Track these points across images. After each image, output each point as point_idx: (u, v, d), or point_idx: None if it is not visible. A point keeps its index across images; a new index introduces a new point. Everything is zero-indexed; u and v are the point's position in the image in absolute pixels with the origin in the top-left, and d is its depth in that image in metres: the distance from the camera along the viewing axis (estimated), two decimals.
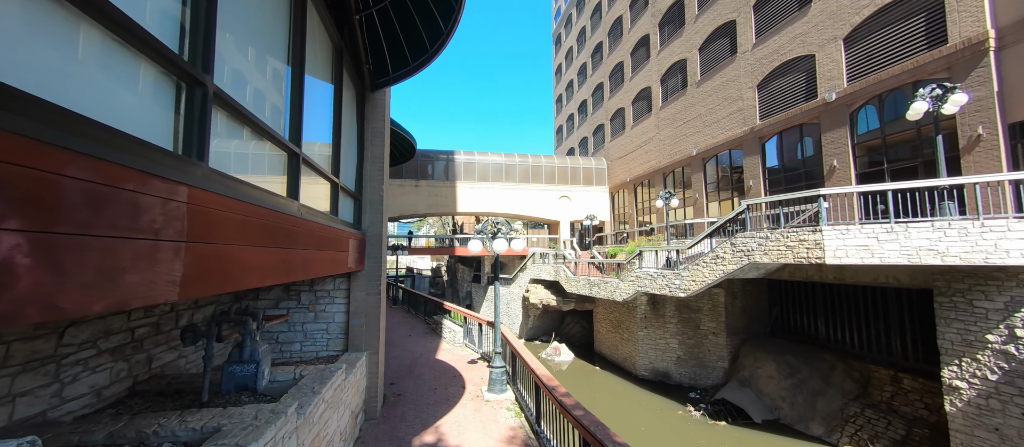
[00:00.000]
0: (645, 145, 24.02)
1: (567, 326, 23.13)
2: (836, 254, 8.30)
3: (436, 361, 9.02)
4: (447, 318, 11.35)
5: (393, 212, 26.19)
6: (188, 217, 1.72)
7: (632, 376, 16.34)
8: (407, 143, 12.49)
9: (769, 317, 15.12)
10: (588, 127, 33.27)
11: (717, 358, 14.78)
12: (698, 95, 19.31)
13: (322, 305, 5.57)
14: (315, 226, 3.42)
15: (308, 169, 3.54)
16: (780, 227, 9.46)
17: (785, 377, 12.39)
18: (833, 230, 8.37)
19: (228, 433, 2.17)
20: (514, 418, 5.90)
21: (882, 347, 11.36)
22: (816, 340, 13.34)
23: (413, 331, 12.25)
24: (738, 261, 10.49)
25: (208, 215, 1.87)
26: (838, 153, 12.57)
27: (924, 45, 10.42)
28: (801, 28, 13.90)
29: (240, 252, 2.13)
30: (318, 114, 4.29)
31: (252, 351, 3.12)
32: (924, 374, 10.14)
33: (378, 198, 5.76)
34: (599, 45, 31.33)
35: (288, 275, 2.81)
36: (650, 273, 13.61)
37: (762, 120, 15.54)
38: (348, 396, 4.49)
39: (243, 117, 2.31)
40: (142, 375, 3.60)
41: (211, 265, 1.87)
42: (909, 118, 8.31)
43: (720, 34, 18.02)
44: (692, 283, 11.94)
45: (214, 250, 1.90)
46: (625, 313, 17.11)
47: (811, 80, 13.56)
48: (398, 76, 5.45)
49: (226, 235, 2.00)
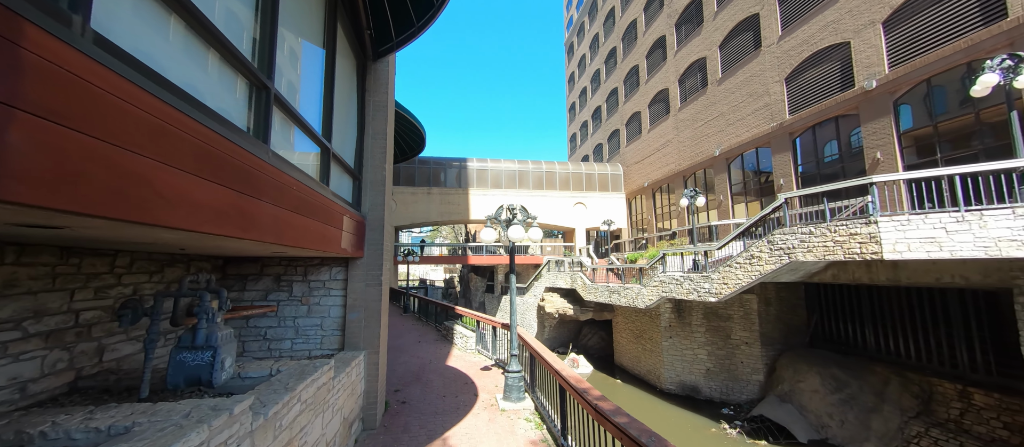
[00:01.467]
0: (663, 148, 23.17)
1: (585, 337, 22.07)
2: (896, 249, 7.32)
3: (446, 367, 8.27)
4: (459, 324, 10.62)
5: (404, 220, 25.80)
6: (45, 80, 1.09)
7: (656, 390, 15.20)
8: (415, 131, 11.95)
9: (808, 326, 13.89)
10: (603, 133, 32.60)
11: (751, 371, 13.58)
12: (719, 93, 18.48)
13: (316, 297, 4.94)
14: (293, 182, 2.80)
15: (285, 115, 2.94)
16: (824, 222, 8.52)
17: (831, 391, 11.17)
18: (891, 221, 7.40)
19: (137, 435, 1.52)
20: (534, 430, 5.09)
21: (944, 358, 10.10)
22: (863, 351, 12.09)
23: (423, 338, 11.53)
24: (776, 261, 9.52)
25: (91, 95, 1.24)
26: (881, 145, 11.55)
27: (979, 21, 9.48)
28: (833, 15, 13.06)
29: (154, 170, 1.50)
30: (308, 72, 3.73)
31: (209, 335, 2.48)
32: (1000, 389, 8.87)
33: (380, 178, 5.16)
34: (613, 50, 30.87)
35: (247, 230, 2.17)
36: (675, 277, 12.66)
37: (792, 115, 14.61)
38: (339, 399, 3.80)
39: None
40: (89, 368, 2.99)
41: (91, 169, 1.24)
42: (974, 94, 7.37)
43: (742, 29, 17.27)
44: (723, 287, 10.96)
45: (100, 149, 1.27)
46: (647, 322, 16.07)
47: (847, 69, 12.65)
48: (402, 40, 4.90)
49: (126, 136, 1.38)
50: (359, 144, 5.09)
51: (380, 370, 5.22)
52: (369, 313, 4.98)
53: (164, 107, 1.57)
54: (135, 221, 1.43)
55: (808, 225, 8.82)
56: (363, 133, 5.15)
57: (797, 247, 9.02)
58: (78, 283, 2.92)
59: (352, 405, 4.44)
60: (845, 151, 12.93)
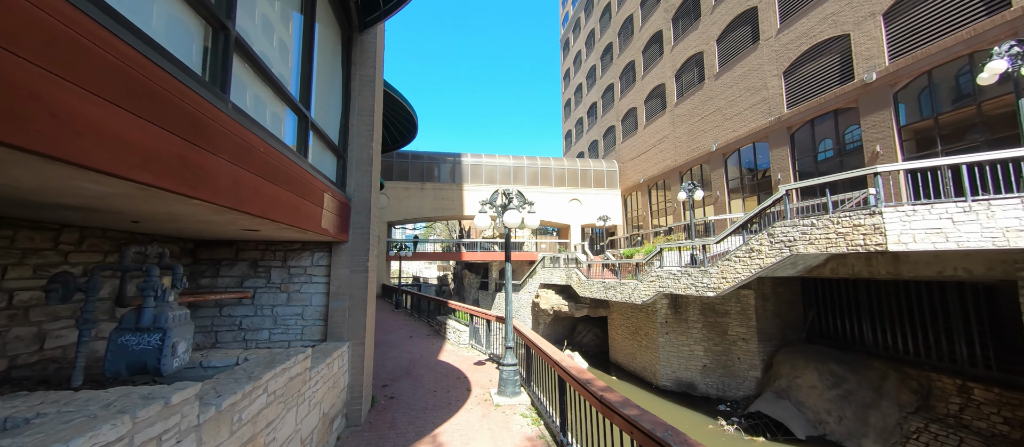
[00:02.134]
0: (660, 143, 22.99)
1: (579, 334, 21.84)
2: (901, 240, 7.13)
3: (438, 362, 7.94)
4: (452, 318, 10.28)
5: (397, 216, 25.36)
6: None
7: (653, 387, 15.01)
8: (406, 116, 11.51)
9: (805, 321, 13.77)
10: (598, 130, 32.39)
11: (748, 367, 13.43)
12: (717, 88, 18.32)
13: (297, 284, 4.59)
14: (261, 144, 2.46)
15: (251, 68, 2.59)
16: (826, 214, 8.33)
17: (829, 387, 11.03)
18: (896, 212, 7.22)
19: (35, 428, 1.19)
20: (531, 426, 4.79)
21: (943, 353, 9.99)
22: (861, 346, 11.97)
23: (415, 333, 11.18)
24: (777, 253, 9.32)
25: None
26: (881, 137, 11.42)
27: (982, 11, 9.35)
28: (832, 7, 12.91)
29: (56, 90, 1.16)
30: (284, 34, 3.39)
31: (158, 316, 2.13)
32: (1001, 383, 8.77)
33: (367, 158, 4.82)
34: (609, 46, 30.64)
35: (197, 188, 1.83)
36: (673, 272, 12.45)
37: (790, 108, 14.46)
38: (317, 393, 3.46)
39: None
40: (26, 356, 2.62)
41: None
42: (982, 82, 7.19)
43: (740, 22, 17.10)
44: (722, 281, 10.76)
45: None
46: (643, 318, 15.86)
47: (846, 62, 12.51)
48: (391, 7, 4.55)
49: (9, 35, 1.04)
50: (344, 120, 4.74)
51: (366, 363, 4.89)
52: (354, 302, 4.64)
53: (71, 10, 1.23)
54: (22, 147, 1.09)
55: (809, 217, 8.63)
56: (349, 109, 4.80)
57: (798, 240, 8.83)
58: (12, 258, 2.55)
59: (334, 400, 4.10)
60: (843, 146, 12.80)
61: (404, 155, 26.19)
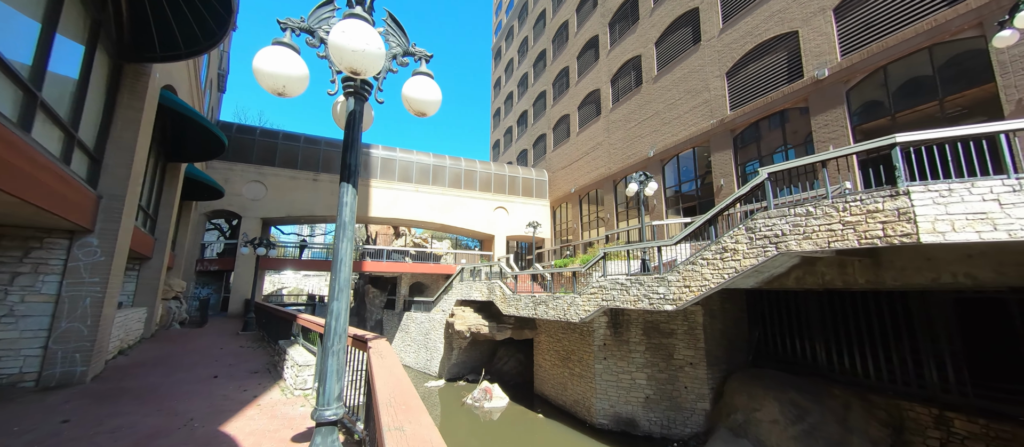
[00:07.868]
0: (593, 151, 21.48)
1: (500, 361, 18.54)
2: (936, 228, 5.32)
3: (218, 434, 3.98)
4: (298, 344, 6.28)
5: (278, 212, 19.86)
6: None
7: (586, 425, 12.24)
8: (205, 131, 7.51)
9: (750, 341, 12.30)
10: (528, 139, 30.51)
11: (696, 397, 11.37)
12: (655, 91, 17.24)
13: None
14: None
15: None
16: (824, 201, 6.45)
17: (792, 422, 9.25)
18: (927, 192, 5.44)
19: None
20: None
21: (909, 377, 8.80)
22: (814, 368, 10.61)
23: (233, 370, 6.74)
24: (759, 252, 7.26)
25: None
26: (834, 138, 10.51)
27: (942, 1, 8.77)
28: (779, 4, 12.23)
29: None
30: None
31: None
32: (984, 413, 7.55)
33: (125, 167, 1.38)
34: (542, 53, 29.34)
35: None
36: (620, 281, 10.00)
37: (734, 110, 13.49)
38: None
39: None
40: None
41: None
42: (996, 46, 5.93)
43: (681, 24, 16.29)
44: (684, 291, 8.50)
45: None
46: (577, 340, 13.22)
47: (794, 59, 11.73)
48: None
49: None
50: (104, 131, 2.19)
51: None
52: None
53: None
54: None
55: (804, 205, 6.69)
56: (112, 119, 2.68)
57: (789, 233, 6.83)
58: None
59: None
60: (794, 146, 11.89)
61: (293, 138, 21.01)
